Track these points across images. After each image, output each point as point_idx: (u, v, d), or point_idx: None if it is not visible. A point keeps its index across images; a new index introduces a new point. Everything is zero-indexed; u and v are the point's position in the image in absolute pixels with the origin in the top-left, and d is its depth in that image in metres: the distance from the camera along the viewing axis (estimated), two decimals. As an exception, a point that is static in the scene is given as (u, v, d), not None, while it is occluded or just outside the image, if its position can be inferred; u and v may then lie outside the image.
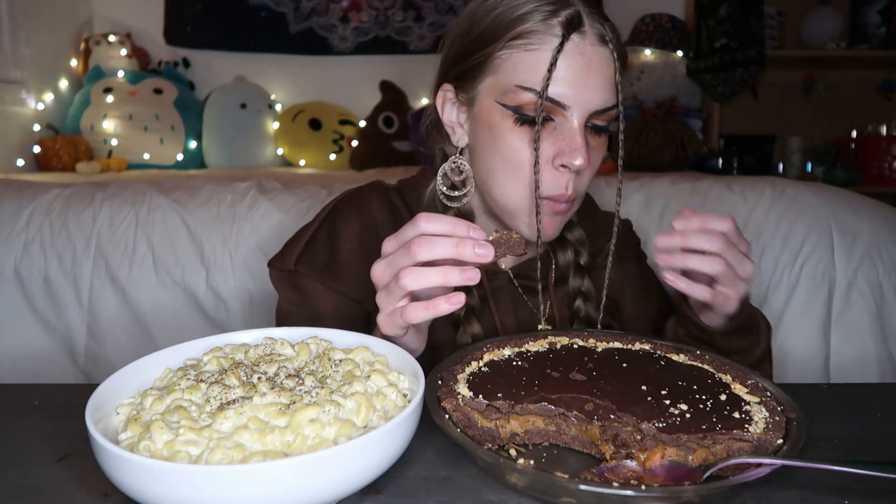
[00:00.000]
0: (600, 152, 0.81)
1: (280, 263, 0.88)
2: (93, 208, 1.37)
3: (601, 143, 0.80)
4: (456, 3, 3.01)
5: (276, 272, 0.89)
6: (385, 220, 0.90)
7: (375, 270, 0.64)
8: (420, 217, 0.61)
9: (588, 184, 0.82)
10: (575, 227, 0.92)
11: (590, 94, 0.75)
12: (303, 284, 0.87)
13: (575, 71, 0.74)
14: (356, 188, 0.95)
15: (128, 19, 2.98)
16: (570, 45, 0.74)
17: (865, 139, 3.00)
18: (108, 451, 0.44)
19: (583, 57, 0.75)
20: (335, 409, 0.50)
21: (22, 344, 1.32)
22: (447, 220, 0.61)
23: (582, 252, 0.91)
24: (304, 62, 3.02)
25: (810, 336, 1.27)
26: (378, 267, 0.64)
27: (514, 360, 0.65)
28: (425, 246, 0.60)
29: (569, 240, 0.91)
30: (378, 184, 0.95)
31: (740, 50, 2.65)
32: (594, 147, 0.79)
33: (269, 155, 2.81)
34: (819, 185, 1.40)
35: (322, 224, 0.89)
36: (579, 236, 0.92)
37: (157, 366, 0.59)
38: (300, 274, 0.86)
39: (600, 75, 0.75)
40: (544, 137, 0.76)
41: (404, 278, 0.60)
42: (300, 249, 0.87)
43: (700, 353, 0.68)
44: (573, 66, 0.74)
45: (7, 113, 2.50)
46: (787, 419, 0.55)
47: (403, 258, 0.61)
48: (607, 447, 0.54)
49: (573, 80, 0.74)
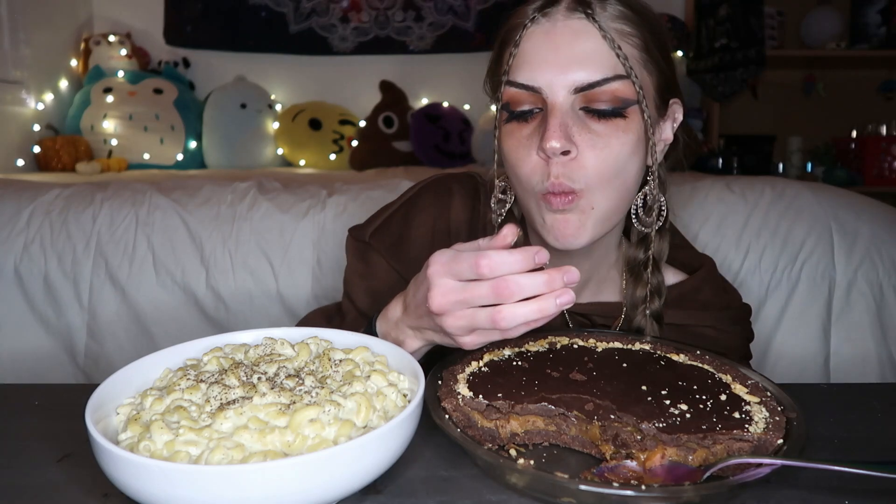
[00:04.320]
0: (614, 139, 0.70)
1: (357, 233, 0.90)
2: (93, 208, 1.37)
3: (614, 128, 0.71)
4: (456, 3, 3.01)
5: (352, 240, 0.91)
6: (461, 218, 0.87)
7: (438, 300, 0.59)
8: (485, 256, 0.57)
9: (604, 176, 0.71)
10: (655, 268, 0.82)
11: (561, 72, 0.69)
12: (370, 258, 0.89)
13: (542, 51, 0.71)
14: (448, 174, 0.92)
15: (128, 19, 2.98)
16: (540, 27, 0.71)
17: (865, 139, 3.00)
18: (108, 452, 0.44)
19: (549, 35, 0.71)
20: (335, 410, 0.50)
21: (22, 344, 1.32)
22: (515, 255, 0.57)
23: (655, 299, 0.81)
24: (304, 62, 3.02)
25: (810, 336, 1.27)
26: (443, 299, 0.59)
27: (514, 360, 0.65)
28: (515, 290, 0.56)
29: (643, 278, 0.82)
30: (469, 177, 0.92)
31: (740, 50, 2.65)
32: (600, 133, 0.70)
33: (269, 155, 2.81)
34: (819, 185, 1.40)
35: (404, 204, 0.90)
36: (656, 283, 0.82)
37: (157, 366, 0.59)
38: (371, 247, 0.88)
39: (573, 49, 0.69)
40: (533, 130, 0.72)
41: (502, 321, 0.56)
42: (378, 224, 0.89)
43: (700, 353, 0.68)
44: (539, 46, 0.71)
45: (7, 113, 2.50)
46: (787, 419, 0.55)
47: (487, 299, 0.57)
48: (607, 447, 0.54)
49: (540, 60, 0.70)
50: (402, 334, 0.70)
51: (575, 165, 0.70)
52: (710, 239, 1.31)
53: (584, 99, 0.70)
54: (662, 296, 0.81)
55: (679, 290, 0.85)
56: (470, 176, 0.92)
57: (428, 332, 0.67)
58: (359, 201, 1.38)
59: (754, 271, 1.29)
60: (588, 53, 0.69)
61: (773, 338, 1.28)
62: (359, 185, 1.46)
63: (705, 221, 1.32)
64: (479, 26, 3.01)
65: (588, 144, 0.70)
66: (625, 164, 0.72)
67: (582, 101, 0.70)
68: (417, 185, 0.92)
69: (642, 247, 0.82)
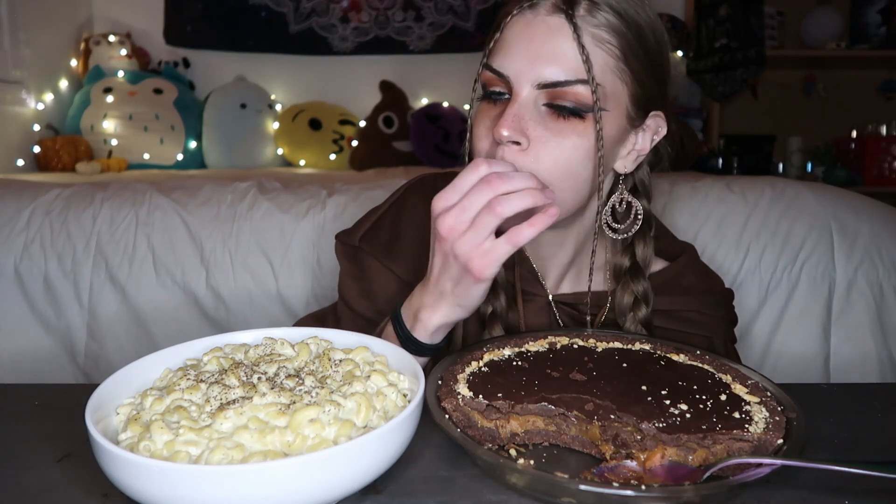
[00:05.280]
0: (568, 140, 0.71)
1: (347, 238, 0.91)
2: (93, 208, 1.37)
3: (569, 127, 0.71)
4: (456, 3, 3.01)
5: (342, 245, 0.92)
6: None
7: (445, 223, 0.65)
8: (478, 161, 0.65)
9: (556, 174, 0.72)
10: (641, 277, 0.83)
11: (529, 64, 0.71)
12: (363, 260, 0.90)
13: (518, 41, 0.72)
14: (433, 173, 0.95)
15: (128, 19, 2.98)
16: (522, 18, 0.73)
17: (865, 139, 3.00)
18: (108, 452, 0.44)
19: (528, 27, 0.72)
20: (335, 409, 0.50)
21: (22, 344, 1.32)
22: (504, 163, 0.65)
23: (642, 307, 0.82)
24: (304, 62, 3.02)
25: (810, 336, 1.27)
26: (447, 219, 0.65)
27: (514, 360, 0.65)
28: (505, 179, 0.63)
29: (630, 286, 0.83)
30: (454, 175, 0.94)
31: (740, 50, 2.65)
32: (555, 131, 0.71)
33: (269, 155, 2.81)
34: (819, 185, 1.40)
35: (393, 205, 0.91)
36: (643, 290, 0.82)
37: (157, 366, 0.59)
38: (362, 250, 0.89)
39: (545, 45, 0.71)
40: (498, 114, 0.73)
41: (499, 206, 0.62)
42: (367, 227, 0.90)
43: (700, 353, 0.68)
44: (517, 36, 0.73)
45: (7, 113, 2.50)
46: (787, 419, 0.55)
47: (482, 195, 0.63)
48: (607, 447, 0.54)
49: (515, 50, 0.72)
50: (423, 310, 0.71)
51: (525, 158, 0.71)
52: (710, 239, 1.31)
53: (548, 96, 0.71)
54: (650, 304, 0.82)
55: (662, 277, 0.87)
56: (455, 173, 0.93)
57: (446, 299, 0.69)
58: (359, 201, 1.38)
59: (754, 271, 1.29)
60: (558, 53, 0.70)
61: (773, 338, 1.28)
62: (359, 185, 1.47)
63: (705, 221, 1.32)
64: (479, 26, 3.01)
65: (541, 141, 0.71)
66: (576, 167, 0.73)
67: (546, 98, 0.72)
68: (402, 186, 0.93)
69: (627, 254, 0.84)
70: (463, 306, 0.69)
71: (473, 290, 0.67)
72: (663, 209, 1.35)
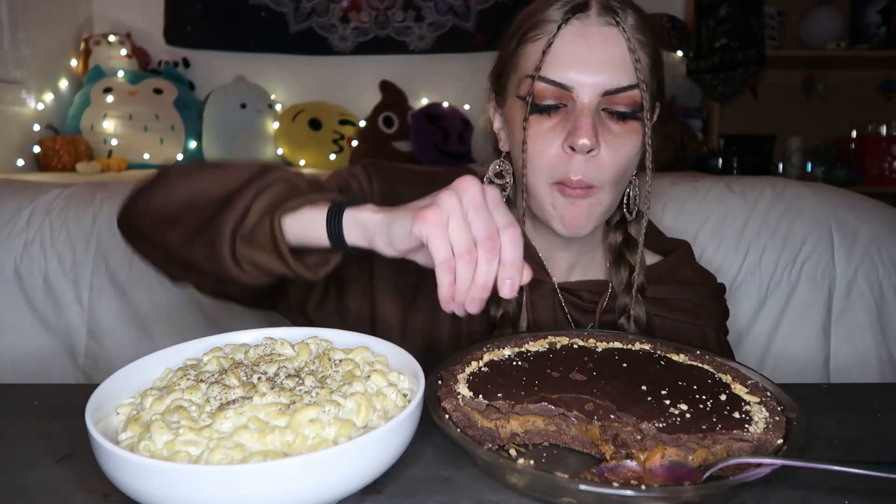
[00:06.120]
0: (628, 140, 0.76)
1: (370, 161, 0.91)
2: (93, 208, 1.37)
3: (628, 130, 0.76)
4: (456, 3, 3.01)
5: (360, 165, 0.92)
6: None
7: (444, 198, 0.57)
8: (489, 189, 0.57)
9: (617, 174, 0.77)
10: (635, 249, 0.85)
11: (593, 74, 0.74)
12: (362, 173, 0.90)
13: (576, 52, 0.75)
14: (448, 170, 0.94)
15: (128, 19, 2.98)
16: (573, 28, 0.75)
17: (865, 139, 3.00)
18: (108, 452, 0.44)
19: (583, 38, 0.75)
20: (335, 409, 0.50)
21: (22, 344, 1.32)
22: None
23: (637, 273, 0.84)
24: (304, 62, 3.02)
25: (810, 336, 1.27)
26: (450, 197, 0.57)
27: (514, 360, 0.65)
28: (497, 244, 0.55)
29: (626, 258, 0.86)
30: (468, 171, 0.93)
31: (740, 50, 2.65)
32: (618, 134, 0.76)
33: (269, 155, 2.81)
34: (819, 185, 1.40)
35: (427, 174, 0.91)
36: (639, 259, 0.85)
37: (157, 366, 0.59)
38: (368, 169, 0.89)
39: (604, 54, 0.74)
40: (557, 123, 0.76)
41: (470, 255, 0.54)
42: (395, 169, 0.91)
43: (700, 353, 0.68)
44: (575, 46, 0.75)
45: (7, 113, 2.50)
46: (787, 419, 0.55)
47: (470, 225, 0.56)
48: (607, 447, 0.54)
49: (574, 61, 0.75)
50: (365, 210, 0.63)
51: (595, 163, 0.75)
52: (710, 239, 1.31)
53: (607, 101, 0.75)
54: (643, 269, 0.87)
55: (658, 270, 0.90)
56: (468, 170, 0.95)
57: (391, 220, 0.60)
58: (359, 201, 1.38)
59: (754, 271, 1.29)
60: (616, 60, 0.75)
61: (772, 338, 1.28)
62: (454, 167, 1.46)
63: (705, 221, 1.32)
64: (479, 26, 3.01)
65: (608, 144, 0.76)
66: (631, 164, 0.79)
67: (604, 103, 0.76)
68: (454, 168, 0.92)
69: (619, 230, 0.89)
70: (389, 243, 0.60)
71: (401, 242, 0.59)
72: (663, 209, 1.35)
